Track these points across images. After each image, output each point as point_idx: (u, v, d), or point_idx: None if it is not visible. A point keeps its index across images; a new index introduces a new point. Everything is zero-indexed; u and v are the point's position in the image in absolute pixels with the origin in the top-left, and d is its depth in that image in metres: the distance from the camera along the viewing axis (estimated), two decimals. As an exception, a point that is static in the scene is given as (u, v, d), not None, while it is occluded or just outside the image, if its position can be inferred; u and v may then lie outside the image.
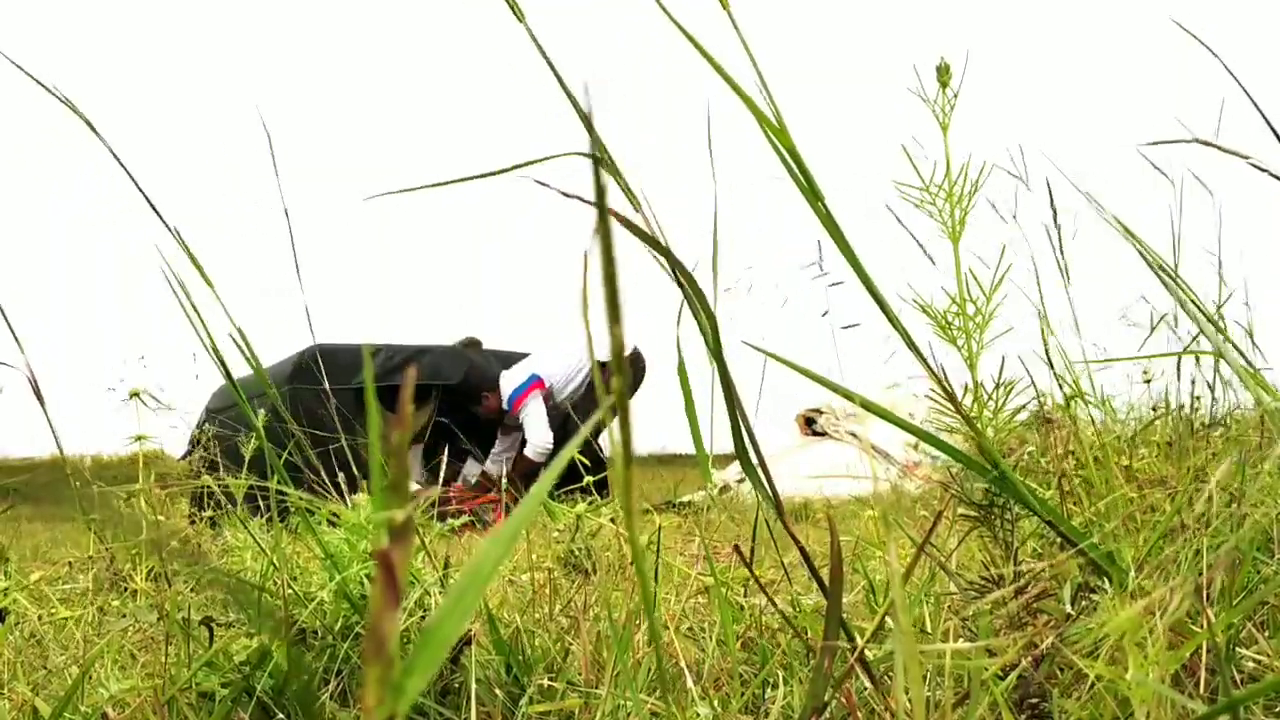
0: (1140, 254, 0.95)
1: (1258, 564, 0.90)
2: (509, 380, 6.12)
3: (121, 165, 1.04)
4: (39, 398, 1.16)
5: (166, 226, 1.06)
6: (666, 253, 0.65)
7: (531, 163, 0.66)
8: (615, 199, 0.69)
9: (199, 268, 1.07)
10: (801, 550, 0.74)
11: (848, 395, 0.75)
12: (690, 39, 0.66)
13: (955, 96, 0.87)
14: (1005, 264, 0.87)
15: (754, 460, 0.71)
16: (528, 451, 6.03)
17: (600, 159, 0.66)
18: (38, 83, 1.00)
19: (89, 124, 1.04)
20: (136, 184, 1.05)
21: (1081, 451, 0.97)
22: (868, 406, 0.71)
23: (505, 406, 6.07)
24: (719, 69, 0.67)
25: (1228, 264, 1.22)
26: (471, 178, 0.69)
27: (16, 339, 1.15)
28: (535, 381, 6.15)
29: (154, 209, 1.05)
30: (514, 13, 0.66)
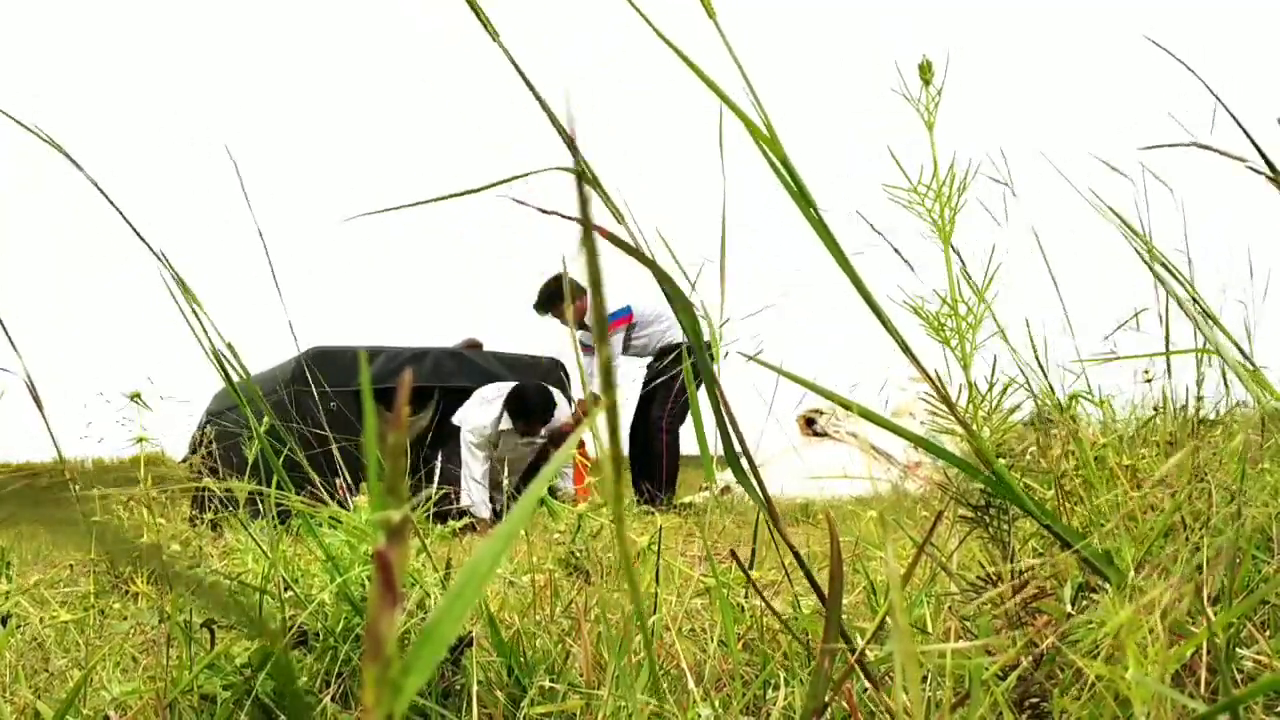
0: (1145, 257, 0.95)
1: (1258, 563, 0.90)
2: None
3: (110, 201, 1.04)
4: (37, 402, 1.16)
5: (155, 255, 1.06)
6: (653, 266, 0.65)
7: (514, 179, 0.65)
8: (599, 212, 0.69)
9: (189, 294, 1.07)
10: (796, 556, 0.74)
11: (843, 403, 0.75)
12: (679, 54, 0.65)
13: (939, 94, 0.87)
14: (995, 263, 0.87)
15: (745, 468, 0.71)
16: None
17: (583, 174, 0.66)
18: (19, 124, 1.00)
19: (76, 164, 1.04)
20: (126, 218, 1.05)
21: (1082, 451, 0.97)
22: (849, 407, 0.71)
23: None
24: (712, 85, 0.67)
25: (1225, 263, 1.22)
26: (451, 195, 0.69)
27: (14, 346, 1.16)
28: (625, 315, 5.41)
29: (144, 240, 1.06)
30: (488, 31, 0.66)
